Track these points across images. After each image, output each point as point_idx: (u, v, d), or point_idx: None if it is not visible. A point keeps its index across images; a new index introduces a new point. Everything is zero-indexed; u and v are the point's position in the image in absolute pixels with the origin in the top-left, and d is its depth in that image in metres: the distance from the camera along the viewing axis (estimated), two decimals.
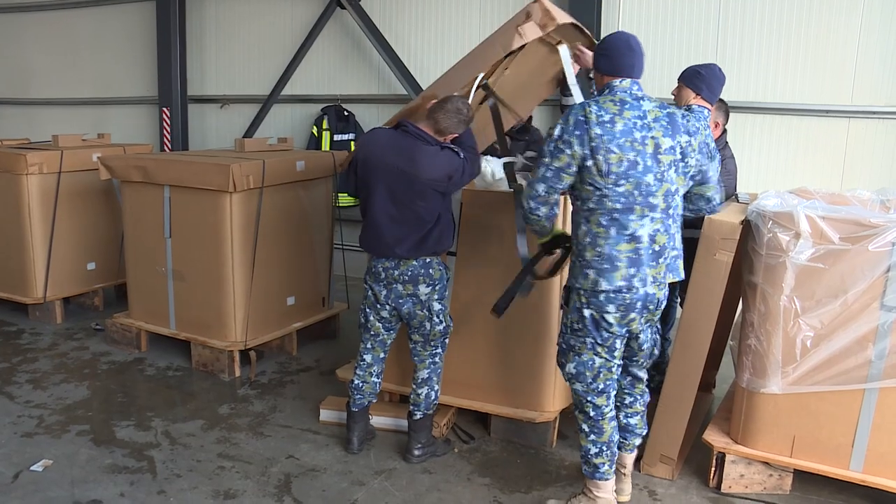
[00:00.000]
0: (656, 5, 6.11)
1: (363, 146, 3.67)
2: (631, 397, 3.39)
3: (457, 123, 3.53)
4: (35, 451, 3.86)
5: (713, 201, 3.20)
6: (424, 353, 3.75)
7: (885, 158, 5.57)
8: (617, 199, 2.87)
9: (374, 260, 3.67)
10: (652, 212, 2.90)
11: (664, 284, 3.01)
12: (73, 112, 9.46)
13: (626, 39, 3.05)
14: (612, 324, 3.00)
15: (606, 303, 2.96)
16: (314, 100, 7.81)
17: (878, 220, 3.11)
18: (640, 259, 2.91)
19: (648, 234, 2.91)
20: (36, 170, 5.69)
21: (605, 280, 2.92)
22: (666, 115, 2.96)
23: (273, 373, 5.00)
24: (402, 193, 3.52)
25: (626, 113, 2.89)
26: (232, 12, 8.21)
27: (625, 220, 2.89)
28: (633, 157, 2.85)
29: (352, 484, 3.61)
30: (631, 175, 2.86)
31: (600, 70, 3.09)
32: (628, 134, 2.86)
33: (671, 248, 2.98)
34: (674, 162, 2.93)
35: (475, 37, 6.75)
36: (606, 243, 2.91)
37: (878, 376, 3.19)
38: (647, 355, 3.29)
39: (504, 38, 3.57)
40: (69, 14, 9.29)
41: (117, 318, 5.42)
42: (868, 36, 5.48)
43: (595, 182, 2.89)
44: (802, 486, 3.55)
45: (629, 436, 3.41)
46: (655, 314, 3.09)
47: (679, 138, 2.94)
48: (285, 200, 5.08)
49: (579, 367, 3.12)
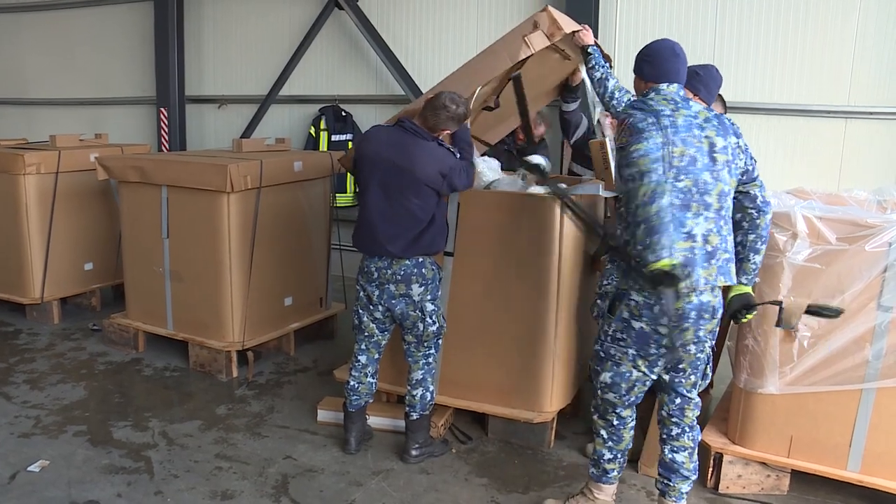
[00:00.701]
0: (653, 6, 6.11)
1: (361, 142, 3.69)
2: (678, 428, 3.05)
3: (445, 119, 3.51)
4: (32, 452, 3.86)
5: (758, 198, 2.97)
6: (418, 354, 3.75)
7: (882, 159, 5.58)
8: (676, 194, 2.77)
9: (366, 259, 3.66)
10: (706, 211, 2.79)
11: (717, 290, 2.84)
12: (70, 112, 9.46)
13: (671, 46, 3.01)
14: (664, 336, 2.84)
15: (661, 315, 2.81)
16: (312, 100, 7.81)
17: (874, 220, 3.12)
18: (695, 259, 2.76)
19: (702, 234, 2.78)
20: (33, 170, 5.68)
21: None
22: (714, 116, 2.91)
23: (270, 373, 5.00)
24: (396, 189, 3.51)
25: (682, 111, 2.86)
26: (230, 12, 8.21)
27: (682, 217, 2.77)
28: (693, 153, 2.79)
29: (349, 484, 3.60)
30: (690, 171, 2.78)
31: (643, 76, 3.02)
32: (688, 129, 2.81)
33: (723, 251, 2.83)
34: (727, 162, 2.85)
35: (472, 37, 6.77)
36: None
37: (875, 376, 3.19)
38: (700, 371, 3.00)
39: (511, 47, 3.54)
40: (67, 14, 9.28)
41: (114, 319, 5.41)
42: (865, 36, 5.49)
43: (656, 176, 2.77)
44: (800, 486, 3.55)
45: (674, 477, 3.06)
46: (713, 323, 2.88)
47: (729, 139, 2.88)
48: (283, 201, 5.08)
49: (616, 377, 2.99)
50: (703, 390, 3.14)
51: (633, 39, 6.07)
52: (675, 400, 3.04)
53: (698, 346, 2.91)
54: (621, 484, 3.54)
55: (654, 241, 2.65)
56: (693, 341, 2.88)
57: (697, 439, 3.10)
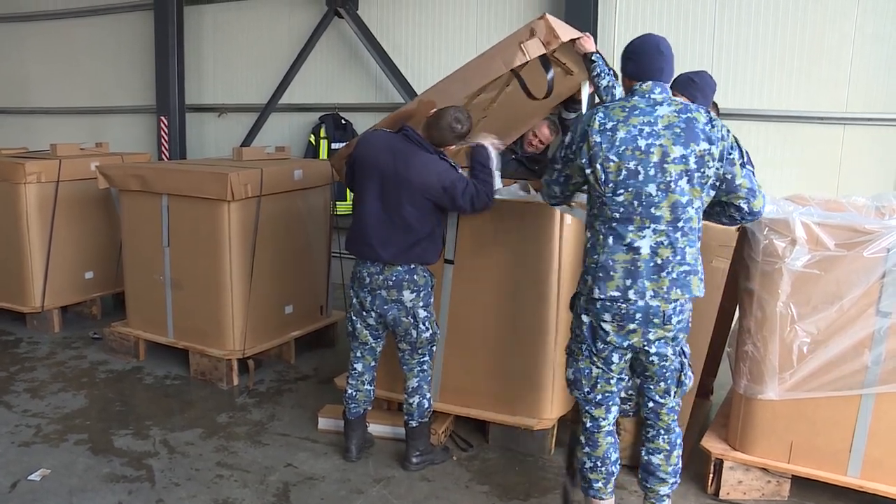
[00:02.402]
0: (652, 12, 6.14)
1: (359, 145, 3.68)
2: (653, 430, 3.08)
3: (451, 138, 3.56)
4: (33, 461, 3.86)
5: (744, 210, 2.89)
6: (412, 362, 3.75)
7: (880, 165, 5.60)
8: (616, 208, 2.78)
9: (358, 265, 3.67)
10: (655, 223, 2.76)
11: (671, 299, 2.79)
12: (71, 121, 9.48)
13: (656, 42, 2.92)
14: (608, 332, 2.86)
15: (602, 311, 2.85)
16: (312, 108, 7.82)
17: (873, 226, 3.13)
18: (638, 271, 2.76)
19: (650, 246, 2.75)
20: (34, 179, 5.70)
21: (598, 288, 2.82)
22: (683, 121, 2.76)
23: (271, 381, 5.00)
24: (393, 196, 3.51)
25: (633, 119, 2.77)
26: (229, 21, 8.24)
27: (622, 230, 2.78)
28: (633, 166, 2.74)
29: (350, 492, 3.61)
30: (630, 184, 2.75)
31: (628, 75, 2.97)
32: (631, 142, 2.75)
33: (678, 263, 2.77)
34: (686, 172, 2.75)
35: (472, 45, 6.79)
36: (603, 251, 2.82)
37: (874, 382, 3.20)
38: (671, 379, 2.97)
39: (506, 53, 3.49)
40: (67, 23, 9.32)
41: (115, 327, 5.42)
42: (862, 43, 5.51)
43: (594, 190, 2.84)
44: (800, 492, 3.55)
45: (651, 479, 3.09)
46: (665, 329, 2.83)
47: (693, 147, 2.74)
48: (283, 209, 5.09)
49: (577, 373, 3.04)
50: (702, 397, 3.15)
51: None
52: (648, 403, 3.06)
53: (658, 355, 2.89)
54: (622, 490, 3.54)
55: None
56: (643, 345, 2.86)
57: (676, 442, 3.08)
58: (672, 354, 2.92)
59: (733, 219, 2.97)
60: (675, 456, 3.09)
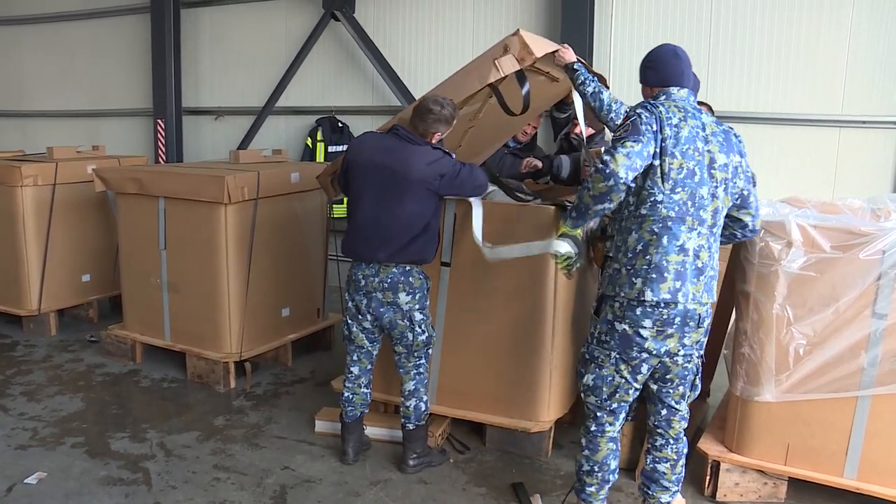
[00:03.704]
0: (648, 17, 6.16)
1: (351, 149, 3.69)
2: (663, 439, 3.08)
3: (433, 122, 3.51)
4: (29, 464, 3.85)
5: (748, 227, 3.01)
6: (409, 365, 3.75)
7: (876, 167, 5.62)
8: (671, 206, 2.77)
9: (354, 268, 3.66)
10: (700, 226, 2.79)
11: (703, 302, 2.84)
12: (67, 124, 9.48)
13: (673, 49, 2.99)
14: (646, 339, 2.82)
15: (643, 317, 2.80)
16: (308, 111, 7.84)
17: (868, 228, 3.14)
18: (685, 273, 2.77)
19: (694, 249, 2.79)
20: (30, 182, 5.69)
21: (650, 290, 2.76)
22: (722, 131, 2.87)
23: (268, 384, 5.00)
24: (392, 194, 3.50)
25: (690, 121, 2.82)
26: (226, 24, 8.24)
27: (677, 230, 2.77)
28: (692, 167, 2.77)
29: (347, 495, 3.60)
30: (688, 184, 2.77)
31: (649, 83, 3.00)
32: (692, 142, 2.78)
33: (710, 268, 2.84)
34: (725, 180, 2.82)
35: (468, 47, 6.81)
36: (657, 252, 2.77)
37: (870, 384, 3.21)
38: (688, 383, 2.99)
39: (480, 70, 3.53)
40: (64, 26, 9.32)
41: (112, 330, 5.41)
42: (857, 46, 5.53)
43: (655, 185, 2.79)
44: (797, 493, 3.56)
45: (653, 486, 3.12)
46: (698, 332, 2.87)
47: (732, 157, 2.85)
48: (280, 212, 5.09)
49: (598, 380, 2.98)
50: (699, 399, 3.15)
51: (628, 54, 6.12)
52: (662, 411, 3.06)
53: (685, 356, 2.92)
54: (617, 492, 3.54)
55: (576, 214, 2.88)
56: (678, 350, 2.88)
57: (682, 451, 3.10)
58: (696, 357, 2.96)
59: (734, 235, 3.07)
60: (680, 465, 3.11)
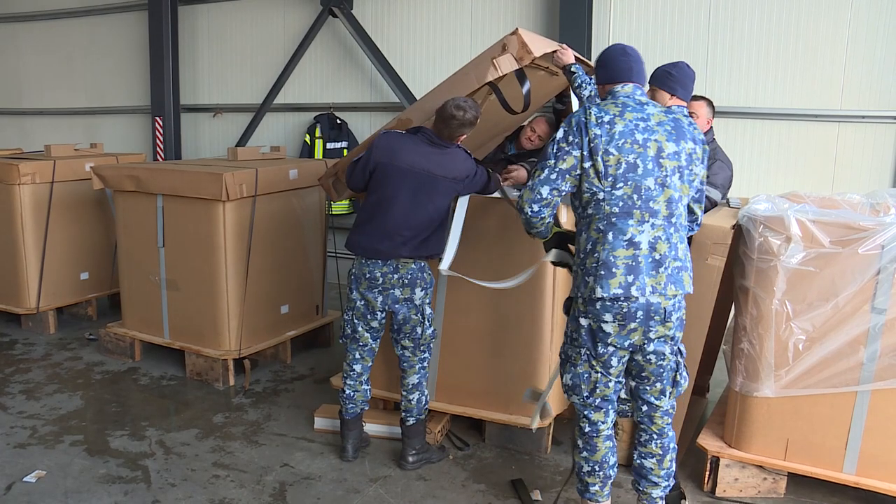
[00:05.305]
0: (646, 15, 6.14)
1: (380, 151, 3.59)
2: (646, 434, 3.07)
3: (458, 127, 3.54)
4: (28, 462, 3.85)
5: (697, 217, 3.07)
6: (414, 359, 3.75)
7: (875, 162, 5.61)
8: (615, 202, 2.79)
9: (367, 266, 3.64)
10: (653, 218, 2.79)
11: (668, 295, 2.81)
12: (65, 122, 9.46)
13: (622, 47, 3.03)
14: (609, 334, 2.84)
15: (603, 311, 2.82)
16: (307, 108, 7.82)
17: (867, 223, 3.14)
18: (639, 267, 2.76)
19: (648, 241, 2.78)
20: (28, 180, 5.68)
21: (600, 287, 2.78)
22: (671, 120, 2.88)
23: (267, 381, 5.00)
24: (424, 195, 3.55)
25: (628, 115, 2.83)
26: (224, 21, 8.22)
27: (623, 225, 2.79)
28: (632, 160, 2.78)
29: (347, 492, 3.60)
30: (630, 178, 2.78)
31: (600, 81, 3.05)
32: (629, 135, 2.79)
33: (673, 259, 2.81)
34: (678, 168, 2.83)
35: (466, 43, 6.80)
36: (604, 248, 2.80)
37: (869, 378, 3.21)
38: (666, 379, 2.97)
39: (478, 69, 3.56)
40: (61, 23, 9.30)
41: (111, 328, 5.41)
42: (856, 41, 5.52)
43: (593, 186, 2.83)
44: (796, 489, 3.56)
45: (643, 482, 3.12)
46: (666, 327, 2.85)
47: (684, 144, 2.85)
48: (278, 209, 5.09)
49: (575, 378, 3.01)
50: (698, 395, 3.15)
51: None
52: (643, 407, 3.06)
53: (657, 354, 2.90)
54: (618, 489, 3.54)
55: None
56: (643, 343, 2.87)
57: (668, 446, 3.09)
58: (669, 353, 2.93)
59: (690, 229, 3.07)
60: (667, 460, 3.10)
